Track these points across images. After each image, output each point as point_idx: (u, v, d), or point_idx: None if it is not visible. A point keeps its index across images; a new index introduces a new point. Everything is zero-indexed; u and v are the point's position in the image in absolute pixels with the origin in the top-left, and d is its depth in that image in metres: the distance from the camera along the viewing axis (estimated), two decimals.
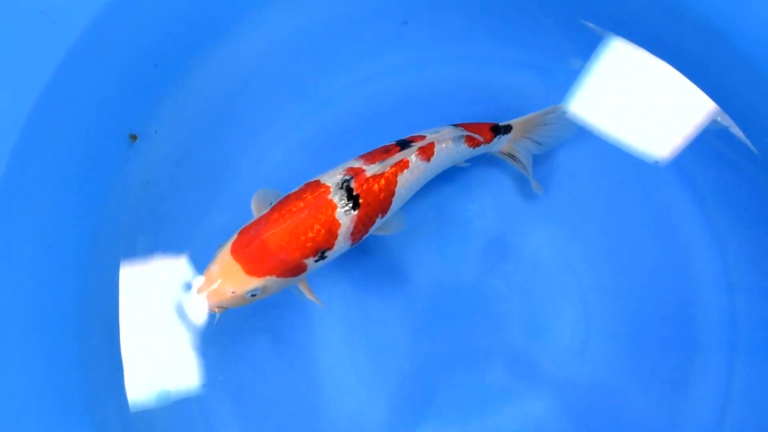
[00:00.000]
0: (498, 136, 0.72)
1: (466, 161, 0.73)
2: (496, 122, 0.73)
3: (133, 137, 0.75)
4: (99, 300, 0.73)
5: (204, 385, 0.73)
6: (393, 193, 0.65)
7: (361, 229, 0.64)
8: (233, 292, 0.60)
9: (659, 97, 0.78)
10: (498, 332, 0.75)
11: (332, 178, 0.63)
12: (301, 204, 0.61)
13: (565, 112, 0.75)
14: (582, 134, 0.78)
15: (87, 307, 0.72)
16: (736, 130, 0.75)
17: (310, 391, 0.73)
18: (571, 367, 0.74)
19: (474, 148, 0.71)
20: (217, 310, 0.61)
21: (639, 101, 0.78)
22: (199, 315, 0.74)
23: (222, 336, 0.74)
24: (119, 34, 0.72)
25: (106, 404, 0.70)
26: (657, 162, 0.77)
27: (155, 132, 0.76)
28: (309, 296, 0.66)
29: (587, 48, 0.79)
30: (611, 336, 0.74)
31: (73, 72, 0.70)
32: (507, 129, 0.73)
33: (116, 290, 0.73)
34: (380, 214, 0.65)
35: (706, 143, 0.76)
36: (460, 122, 0.71)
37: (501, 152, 0.75)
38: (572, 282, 0.75)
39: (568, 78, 0.79)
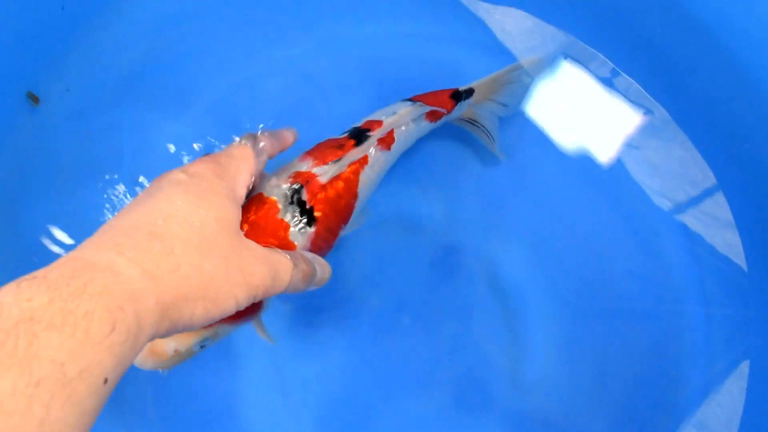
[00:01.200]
0: (459, 103, 0.63)
1: None
2: (456, 87, 0.63)
3: (35, 99, 0.62)
4: None
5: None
6: (355, 196, 0.54)
7: (321, 246, 0.52)
8: (176, 351, 0.47)
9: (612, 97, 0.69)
10: (445, 355, 0.66)
11: (277, 189, 0.49)
12: (246, 227, 0.47)
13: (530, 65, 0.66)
14: (546, 142, 0.69)
15: None
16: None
17: (230, 414, 0.64)
18: (527, 398, 0.65)
19: (435, 122, 0.61)
20: (160, 370, 0.49)
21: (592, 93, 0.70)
22: None
23: None
24: None
25: None
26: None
27: (67, 90, 0.65)
28: (261, 334, 0.55)
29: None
30: (575, 365, 0.65)
31: None
32: (468, 93, 0.63)
33: None
34: (342, 225, 0.54)
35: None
36: (413, 95, 0.61)
37: (461, 119, 0.65)
38: (534, 303, 0.66)
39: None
